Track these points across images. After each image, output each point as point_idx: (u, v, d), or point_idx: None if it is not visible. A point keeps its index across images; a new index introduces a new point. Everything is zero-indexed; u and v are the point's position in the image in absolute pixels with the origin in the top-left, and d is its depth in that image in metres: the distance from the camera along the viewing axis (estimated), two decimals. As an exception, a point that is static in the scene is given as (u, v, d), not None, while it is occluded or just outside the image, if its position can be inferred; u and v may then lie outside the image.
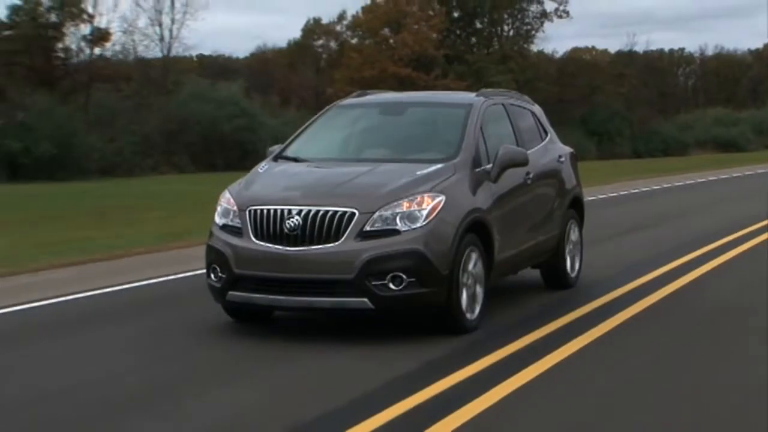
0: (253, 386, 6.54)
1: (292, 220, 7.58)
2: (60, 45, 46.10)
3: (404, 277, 7.43)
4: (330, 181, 8.01)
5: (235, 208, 7.94)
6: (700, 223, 16.54)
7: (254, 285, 7.70)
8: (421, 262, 7.46)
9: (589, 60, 70.64)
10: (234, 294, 7.82)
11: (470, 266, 7.91)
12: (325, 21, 66.92)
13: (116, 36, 46.77)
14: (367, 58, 57.40)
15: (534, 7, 64.56)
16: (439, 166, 8.14)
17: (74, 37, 45.99)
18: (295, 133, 9.30)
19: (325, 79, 58.48)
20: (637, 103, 68.18)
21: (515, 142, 9.24)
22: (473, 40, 64.12)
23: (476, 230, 8.02)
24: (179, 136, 41.25)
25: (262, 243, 7.67)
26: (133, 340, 7.92)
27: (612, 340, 7.77)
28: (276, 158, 8.90)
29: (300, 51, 66.08)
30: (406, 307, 7.60)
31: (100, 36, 46.21)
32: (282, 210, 7.65)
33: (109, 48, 46.94)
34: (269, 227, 7.66)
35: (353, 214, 7.52)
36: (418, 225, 7.55)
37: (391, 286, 7.43)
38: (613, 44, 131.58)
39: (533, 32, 65.40)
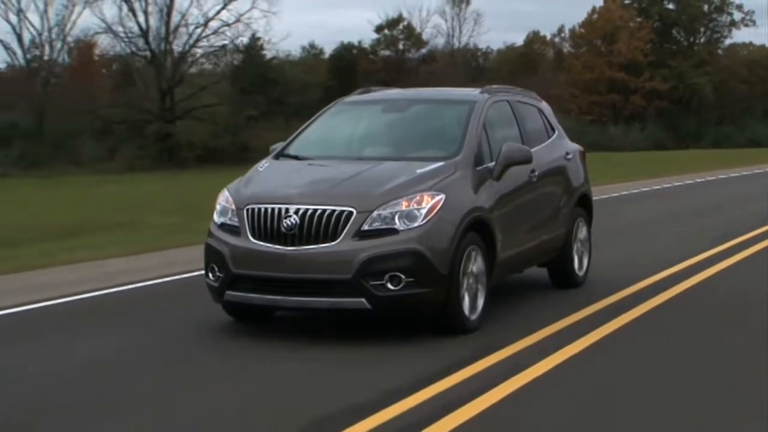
0: (253, 384, 6.49)
1: (289, 219, 7.48)
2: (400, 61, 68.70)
3: (402, 276, 7.31)
4: (328, 180, 7.90)
5: (233, 206, 7.85)
6: None
7: (252, 285, 7.61)
8: (420, 261, 7.35)
9: (747, 55, 77.43)
10: (232, 294, 7.73)
11: (471, 266, 7.78)
12: (542, 33, 79.72)
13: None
14: (585, 64, 70.47)
15: (723, 18, 76.15)
16: (439, 164, 8.01)
17: (414, 57, 69.76)
18: (298, 131, 9.20)
19: (545, 82, 63.28)
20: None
21: (520, 139, 9.09)
22: (667, 46, 74.64)
23: (477, 229, 7.89)
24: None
25: (259, 242, 7.58)
26: (132, 339, 7.86)
27: (617, 339, 7.66)
28: (277, 156, 8.80)
29: (522, 58, 75.89)
30: (405, 307, 7.48)
31: (429, 57, 69.87)
32: (279, 209, 7.56)
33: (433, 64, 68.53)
34: (267, 226, 7.57)
35: (351, 213, 7.41)
36: (417, 224, 7.43)
37: (389, 286, 7.31)
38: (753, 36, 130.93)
39: (722, 39, 76.84)
